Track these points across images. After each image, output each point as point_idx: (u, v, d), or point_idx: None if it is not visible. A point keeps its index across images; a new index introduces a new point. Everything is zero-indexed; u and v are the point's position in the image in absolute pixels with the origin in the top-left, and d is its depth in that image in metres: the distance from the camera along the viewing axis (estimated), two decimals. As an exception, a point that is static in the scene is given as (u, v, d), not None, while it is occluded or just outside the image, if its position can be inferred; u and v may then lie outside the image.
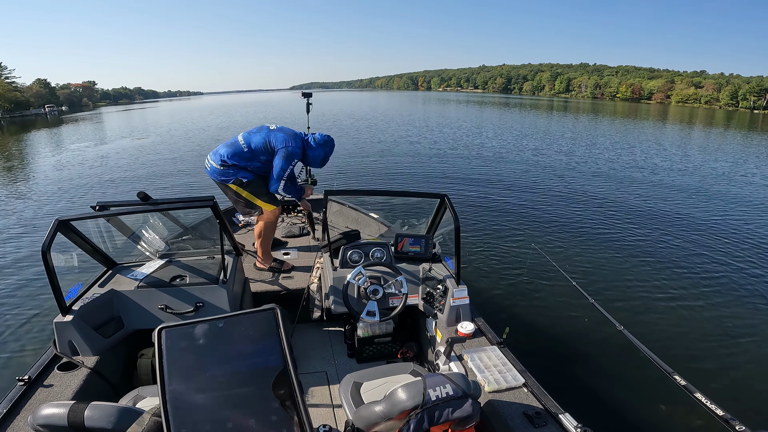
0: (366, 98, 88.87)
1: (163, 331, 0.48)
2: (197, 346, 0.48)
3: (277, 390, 0.47)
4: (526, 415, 1.70)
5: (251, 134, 2.97)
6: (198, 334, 0.49)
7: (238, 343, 0.48)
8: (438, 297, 2.50)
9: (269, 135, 2.94)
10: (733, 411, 1.51)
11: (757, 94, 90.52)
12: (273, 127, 3.02)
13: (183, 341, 0.48)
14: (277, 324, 0.49)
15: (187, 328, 0.49)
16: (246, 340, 0.48)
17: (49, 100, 78.41)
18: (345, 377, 2.02)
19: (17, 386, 1.84)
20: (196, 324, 0.48)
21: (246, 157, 2.93)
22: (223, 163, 2.92)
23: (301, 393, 0.38)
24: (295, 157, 2.95)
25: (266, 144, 2.92)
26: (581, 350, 3.60)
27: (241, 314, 0.47)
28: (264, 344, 0.49)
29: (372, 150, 14.27)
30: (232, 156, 2.91)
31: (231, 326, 0.48)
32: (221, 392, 0.46)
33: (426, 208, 3.20)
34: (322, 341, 2.98)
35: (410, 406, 1.39)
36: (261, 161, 2.97)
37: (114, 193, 9.29)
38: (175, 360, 0.47)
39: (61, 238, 2.10)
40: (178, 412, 0.46)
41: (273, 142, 2.92)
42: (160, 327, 0.47)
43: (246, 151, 2.92)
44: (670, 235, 6.30)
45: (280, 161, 2.91)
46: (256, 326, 0.49)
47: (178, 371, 0.46)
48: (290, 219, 4.38)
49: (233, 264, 2.51)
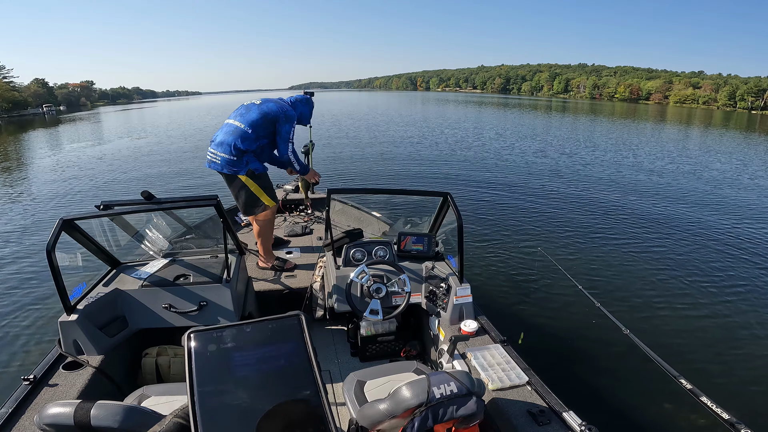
0: (365, 98, 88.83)
1: (192, 334, 0.51)
2: (225, 349, 0.50)
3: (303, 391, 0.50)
4: (530, 413, 1.71)
5: (244, 116, 2.95)
6: (225, 338, 0.52)
7: (265, 347, 0.50)
8: (441, 295, 2.50)
9: (262, 109, 2.95)
10: (739, 415, 1.52)
11: (755, 95, 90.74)
12: (258, 101, 3.03)
13: (211, 344, 0.51)
14: (301, 329, 0.52)
15: (216, 331, 0.52)
16: (272, 344, 0.50)
17: (47, 99, 78.22)
18: (348, 376, 2.02)
19: (22, 386, 1.84)
20: (224, 328, 0.52)
21: (252, 138, 2.92)
22: (235, 151, 2.90)
23: (326, 393, 0.39)
24: (294, 119, 3.05)
25: (264, 118, 2.93)
26: (585, 350, 3.60)
27: (266, 320, 0.50)
28: (289, 347, 0.52)
29: (373, 150, 14.26)
30: (242, 141, 2.89)
31: (257, 330, 0.51)
32: (248, 394, 0.48)
33: (429, 207, 3.21)
34: (325, 340, 2.98)
35: (414, 404, 1.39)
36: (265, 136, 2.99)
37: (116, 192, 9.27)
38: (203, 362, 0.49)
39: (66, 237, 2.11)
40: (207, 413, 0.47)
41: (270, 113, 2.94)
42: (190, 331, 0.50)
43: (251, 133, 2.91)
44: (676, 239, 6.28)
45: (285, 125, 2.98)
46: (282, 331, 0.52)
47: (206, 373, 0.48)
48: (293, 218, 4.39)
49: (236, 263, 2.51)
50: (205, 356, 0.50)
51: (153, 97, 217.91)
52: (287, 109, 3.01)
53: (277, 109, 2.96)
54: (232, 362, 0.51)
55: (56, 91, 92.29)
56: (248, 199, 3.06)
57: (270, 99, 3.07)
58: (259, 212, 3.13)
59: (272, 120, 2.95)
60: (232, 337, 0.52)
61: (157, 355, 2.34)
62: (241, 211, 3.17)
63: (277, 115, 2.95)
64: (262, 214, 3.14)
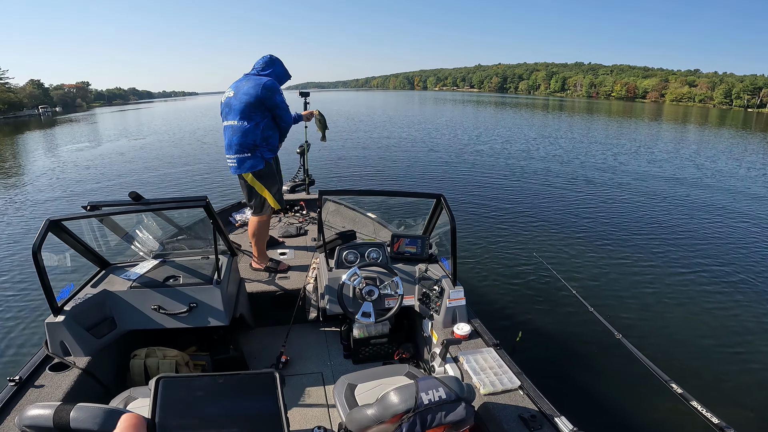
0: (362, 98, 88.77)
1: (161, 381, 0.50)
2: (194, 397, 0.49)
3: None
4: (521, 418, 1.69)
5: (232, 112, 2.89)
6: (196, 387, 0.51)
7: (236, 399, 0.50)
8: (434, 298, 2.48)
9: (242, 99, 2.85)
10: (728, 419, 1.52)
11: (751, 93, 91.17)
12: (231, 93, 2.93)
13: (181, 391, 0.50)
14: (274, 386, 0.51)
15: (187, 380, 0.51)
16: (243, 397, 0.50)
17: (42, 100, 77.94)
18: (339, 379, 2.00)
19: (8, 387, 1.82)
20: (196, 378, 0.51)
21: (252, 127, 2.88)
22: (246, 147, 2.89)
23: None
24: (276, 84, 2.93)
25: (250, 105, 2.84)
26: (578, 354, 3.59)
27: (240, 374, 0.50)
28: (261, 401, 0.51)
29: (370, 151, 14.22)
30: (247, 135, 2.87)
31: (229, 382, 0.50)
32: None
33: (422, 209, 3.19)
34: (319, 342, 2.96)
35: (402, 409, 1.38)
36: (262, 118, 2.92)
37: (108, 193, 9.23)
38: (169, 408, 0.48)
39: (55, 238, 2.08)
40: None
41: (252, 97, 2.84)
42: (158, 377, 0.49)
43: (248, 124, 2.87)
44: (668, 243, 6.26)
45: (275, 97, 2.88)
46: (254, 386, 0.51)
47: (172, 418, 0.48)
48: (287, 219, 4.36)
49: (228, 264, 2.49)
50: (172, 402, 0.49)
51: (149, 98, 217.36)
52: (264, 81, 2.87)
53: (256, 89, 2.83)
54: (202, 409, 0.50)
55: (52, 92, 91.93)
56: (257, 201, 3.08)
57: (239, 85, 2.92)
58: (267, 213, 3.14)
59: (259, 102, 2.85)
60: (203, 386, 0.51)
61: (146, 357, 2.31)
62: (251, 211, 3.19)
63: (261, 95, 2.84)
64: (256, 216, 3.14)
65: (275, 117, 2.98)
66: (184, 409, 0.47)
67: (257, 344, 2.92)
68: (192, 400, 0.48)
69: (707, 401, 1.59)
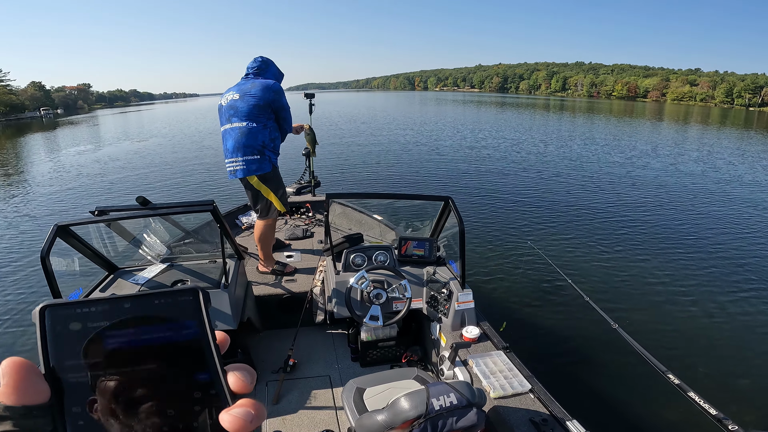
0: (363, 99, 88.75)
1: (47, 310, 0.32)
2: (93, 328, 0.33)
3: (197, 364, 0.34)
4: (532, 422, 1.68)
5: (238, 115, 2.87)
6: (94, 315, 0.34)
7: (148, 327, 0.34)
8: (442, 301, 2.48)
9: (250, 102, 2.85)
10: (726, 410, 1.51)
11: (752, 92, 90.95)
12: (236, 95, 2.90)
13: (74, 322, 0.33)
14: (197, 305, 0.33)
15: (79, 306, 0.34)
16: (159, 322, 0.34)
17: (44, 103, 78.19)
18: (348, 383, 2.00)
19: None
20: (93, 303, 0.34)
21: (261, 128, 2.88)
22: (256, 150, 2.87)
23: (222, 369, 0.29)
24: (279, 85, 2.95)
25: (258, 105, 2.85)
26: (590, 358, 3.56)
27: (154, 293, 0.34)
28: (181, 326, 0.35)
29: (374, 153, 14.15)
30: (256, 136, 2.86)
31: (138, 307, 0.34)
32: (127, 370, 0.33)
33: (430, 211, 3.18)
34: (326, 345, 2.96)
35: (413, 415, 1.38)
36: (267, 120, 2.92)
37: (113, 195, 9.23)
38: (63, 344, 0.32)
39: (63, 243, 2.08)
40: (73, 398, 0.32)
41: (261, 99, 2.85)
42: (43, 305, 0.32)
43: (256, 126, 2.87)
44: (664, 235, 6.27)
45: (281, 99, 2.91)
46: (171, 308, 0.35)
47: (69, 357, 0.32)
48: (293, 221, 4.37)
49: (235, 268, 2.49)
50: (65, 336, 0.33)
51: (150, 100, 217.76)
52: (271, 84, 2.89)
53: (264, 92, 2.85)
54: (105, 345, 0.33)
55: (53, 94, 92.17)
56: (263, 204, 3.08)
57: (243, 87, 2.90)
58: (273, 216, 3.13)
59: (267, 104, 2.87)
60: (104, 315, 0.34)
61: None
62: (257, 215, 3.17)
63: (270, 97, 2.86)
64: (262, 220, 3.14)
65: (279, 119, 2.99)
66: (84, 343, 0.32)
67: (265, 347, 2.92)
68: (93, 332, 0.32)
69: (705, 392, 1.61)
